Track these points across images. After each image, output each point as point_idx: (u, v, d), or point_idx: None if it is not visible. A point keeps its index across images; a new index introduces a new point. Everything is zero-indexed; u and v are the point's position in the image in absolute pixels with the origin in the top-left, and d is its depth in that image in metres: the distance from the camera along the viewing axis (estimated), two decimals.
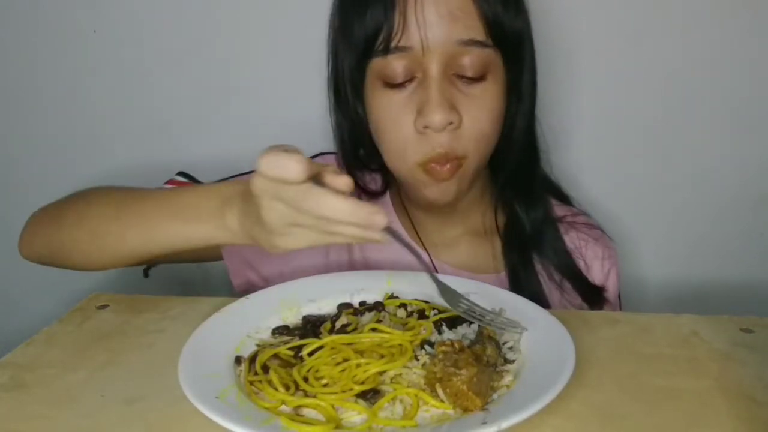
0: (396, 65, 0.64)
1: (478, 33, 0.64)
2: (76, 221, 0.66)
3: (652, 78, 0.91)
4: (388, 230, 0.49)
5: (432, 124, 0.63)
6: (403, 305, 0.61)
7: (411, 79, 0.65)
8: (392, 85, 0.65)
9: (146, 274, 0.80)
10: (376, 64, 0.65)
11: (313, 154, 0.82)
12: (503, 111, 0.69)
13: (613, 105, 0.92)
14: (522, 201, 0.75)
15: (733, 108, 0.91)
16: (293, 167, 0.46)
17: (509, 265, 0.75)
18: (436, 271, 0.74)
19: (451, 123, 0.64)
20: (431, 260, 0.75)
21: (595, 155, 0.94)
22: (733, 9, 0.86)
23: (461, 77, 0.65)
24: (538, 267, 0.75)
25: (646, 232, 0.97)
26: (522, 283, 0.73)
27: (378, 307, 0.61)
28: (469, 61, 0.64)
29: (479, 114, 0.65)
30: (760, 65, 0.88)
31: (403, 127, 0.65)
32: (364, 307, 0.62)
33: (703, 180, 0.94)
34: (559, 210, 0.79)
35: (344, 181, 0.48)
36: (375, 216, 0.47)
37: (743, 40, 0.88)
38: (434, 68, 0.63)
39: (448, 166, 0.66)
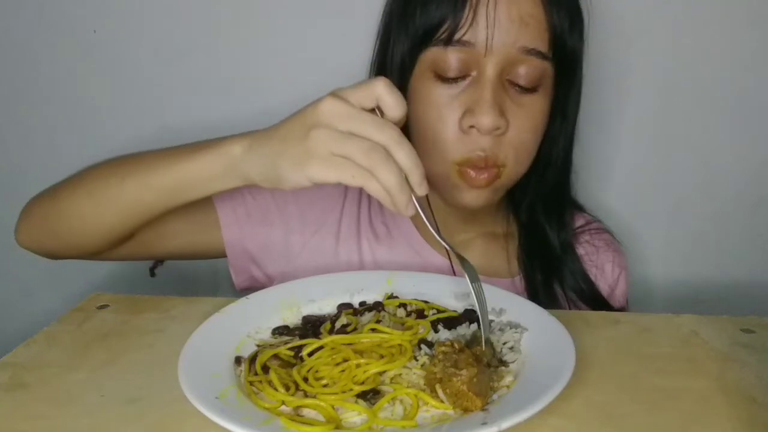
0: (453, 59, 0.63)
1: (542, 44, 0.63)
2: (72, 188, 0.65)
3: (652, 78, 0.91)
4: (419, 204, 0.52)
5: (481, 125, 0.63)
6: (403, 305, 0.61)
7: (464, 77, 0.64)
8: (444, 79, 0.64)
9: (153, 273, 0.80)
10: (432, 54, 0.64)
11: None
12: (546, 126, 0.69)
13: (613, 105, 0.92)
14: (553, 223, 0.75)
15: (733, 108, 0.91)
16: (403, 103, 0.51)
17: (530, 281, 0.74)
18: (453, 272, 0.74)
19: (498, 128, 0.63)
20: (450, 261, 0.75)
21: (595, 156, 0.94)
22: (733, 8, 0.86)
23: (514, 85, 0.64)
24: (558, 289, 0.74)
25: (647, 232, 0.97)
26: (540, 298, 0.73)
27: (378, 307, 0.61)
28: (526, 70, 0.63)
29: (525, 124, 0.65)
30: (761, 65, 0.88)
31: (447, 123, 0.65)
32: (364, 308, 0.61)
33: (703, 180, 0.94)
34: (576, 219, 0.80)
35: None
36: (424, 179, 0.51)
37: (744, 40, 0.88)
38: (492, 70, 0.63)
39: (486, 175, 0.65)
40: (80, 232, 0.65)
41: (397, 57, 0.68)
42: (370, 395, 0.48)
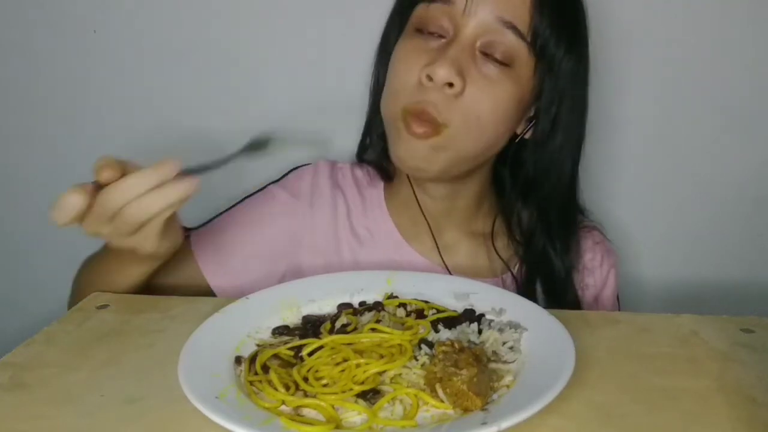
0: (434, 15, 0.66)
1: (521, 24, 0.64)
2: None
3: (652, 79, 0.91)
4: (191, 170, 0.55)
5: (435, 75, 0.63)
6: (403, 305, 0.61)
7: (442, 36, 0.66)
8: (422, 34, 0.66)
9: None
10: (419, 11, 0.67)
11: (289, 170, 0.81)
12: (510, 114, 0.68)
13: (613, 105, 0.92)
14: (558, 247, 0.74)
15: (733, 108, 0.91)
16: (71, 201, 0.53)
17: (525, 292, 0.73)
18: (449, 272, 0.74)
19: (452, 85, 0.63)
20: (429, 262, 0.75)
21: (595, 156, 0.94)
22: (733, 9, 0.86)
23: (485, 56, 0.65)
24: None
25: (646, 233, 0.97)
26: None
27: (377, 307, 0.61)
28: (500, 41, 0.64)
29: (483, 96, 0.65)
30: (760, 65, 0.88)
31: (409, 72, 0.66)
32: (364, 307, 0.62)
33: (703, 180, 0.94)
34: None
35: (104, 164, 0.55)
36: (166, 164, 0.54)
37: (743, 40, 0.88)
38: (466, 32, 0.64)
39: (424, 129, 0.65)
40: None
41: (393, 24, 0.72)
42: (370, 395, 0.48)
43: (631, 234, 0.95)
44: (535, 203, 0.74)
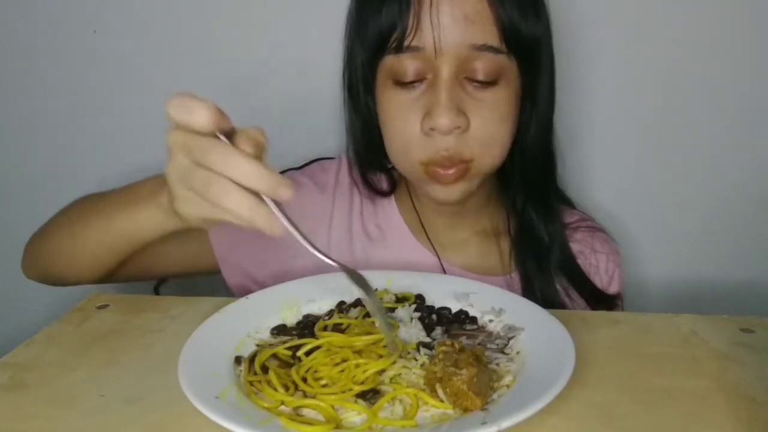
0: (407, 64, 0.64)
1: (493, 38, 0.63)
2: (55, 232, 0.70)
3: (652, 78, 0.91)
4: (288, 220, 0.47)
5: (438, 126, 0.63)
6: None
7: (421, 80, 0.65)
8: (402, 84, 0.65)
9: (157, 291, 0.81)
10: (388, 61, 0.65)
11: (310, 160, 0.81)
12: (515, 116, 0.68)
13: (613, 105, 0.92)
14: (540, 213, 0.75)
15: (733, 108, 0.91)
16: (201, 112, 0.45)
17: (524, 272, 0.74)
18: (444, 272, 0.74)
19: (458, 127, 0.63)
20: (439, 261, 0.75)
21: (595, 155, 0.94)
22: (733, 8, 0.86)
23: (472, 81, 0.64)
24: (551, 279, 0.74)
25: (646, 233, 0.97)
26: (536, 290, 0.73)
27: (361, 303, 0.61)
28: (481, 65, 0.63)
29: (488, 118, 0.65)
30: (761, 65, 0.88)
31: (410, 127, 0.65)
32: (349, 304, 0.62)
33: (703, 180, 0.94)
34: (568, 216, 0.80)
35: (255, 140, 0.46)
36: (281, 186, 0.45)
37: (743, 40, 0.88)
38: (445, 70, 0.63)
39: (453, 170, 0.65)
40: (70, 270, 0.70)
41: (359, 68, 0.70)
42: (370, 395, 0.48)
43: (631, 234, 0.95)
44: (517, 172, 0.74)
